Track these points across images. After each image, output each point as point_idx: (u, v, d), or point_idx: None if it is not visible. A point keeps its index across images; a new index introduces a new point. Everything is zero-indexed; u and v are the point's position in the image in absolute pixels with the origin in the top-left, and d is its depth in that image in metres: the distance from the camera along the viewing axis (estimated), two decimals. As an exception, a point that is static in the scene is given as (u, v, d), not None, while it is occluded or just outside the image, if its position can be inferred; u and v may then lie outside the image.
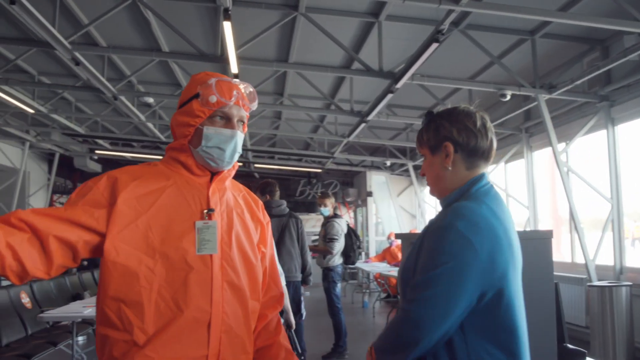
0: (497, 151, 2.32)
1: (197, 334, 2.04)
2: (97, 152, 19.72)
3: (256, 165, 21.83)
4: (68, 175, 22.60)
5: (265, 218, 2.47)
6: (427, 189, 2.32)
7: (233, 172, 2.34)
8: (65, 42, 8.18)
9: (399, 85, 8.89)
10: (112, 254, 1.98)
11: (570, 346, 3.85)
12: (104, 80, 10.35)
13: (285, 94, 13.68)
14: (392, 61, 9.74)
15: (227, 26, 7.32)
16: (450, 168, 2.19)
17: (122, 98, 11.84)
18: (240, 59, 9.65)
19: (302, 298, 6.82)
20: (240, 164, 22.10)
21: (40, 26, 7.37)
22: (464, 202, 2.08)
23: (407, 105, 13.98)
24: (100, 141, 18.77)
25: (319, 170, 22.00)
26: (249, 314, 2.22)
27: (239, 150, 2.24)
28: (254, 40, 8.95)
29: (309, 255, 7.61)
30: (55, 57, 11.17)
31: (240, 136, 2.22)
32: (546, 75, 10.46)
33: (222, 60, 9.24)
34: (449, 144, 2.18)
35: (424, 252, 2.02)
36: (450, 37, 9.16)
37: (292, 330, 4.67)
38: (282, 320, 5.23)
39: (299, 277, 7.26)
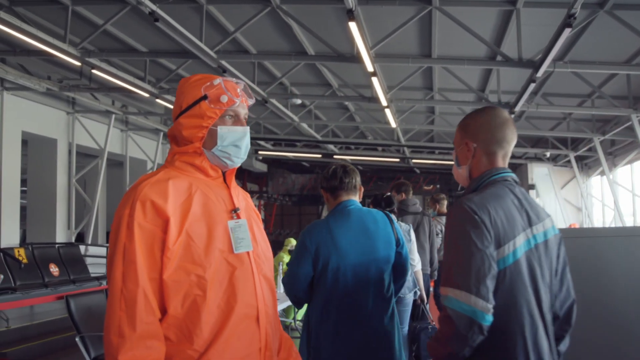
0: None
1: (250, 330, 2.13)
2: (260, 152, 20.69)
3: (414, 160, 21.79)
4: (237, 175, 23.80)
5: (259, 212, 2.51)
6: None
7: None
8: (211, 52, 8.73)
9: (539, 74, 8.57)
10: (163, 273, 2.03)
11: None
12: (253, 85, 10.87)
13: (435, 88, 13.57)
14: (534, 49, 9.36)
15: (352, 26, 7.47)
16: (327, 202, 3.73)
17: (273, 100, 12.37)
18: (380, 56, 9.76)
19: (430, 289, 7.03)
20: (397, 159, 22.21)
21: (185, 38, 7.93)
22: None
23: (563, 94, 13.37)
24: (261, 142, 19.64)
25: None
26: (276, 303, 2.35)
27: (249, 146, 2.31)
28: (389, 37, 9.03)
29: (436, 251, 7.68)
30: (212, 66, 11.93)
31: (249, 133, 2.29)
32: None
33: (359, 60, 9.37)
34: (322, 188, 3.73)
35: None
36: (598, 19, 8.66)
37: (424, 304, 6.30)
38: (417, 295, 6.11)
39: (428, 270, 7.33)
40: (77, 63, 9.89)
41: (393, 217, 3.71)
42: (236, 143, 2.25)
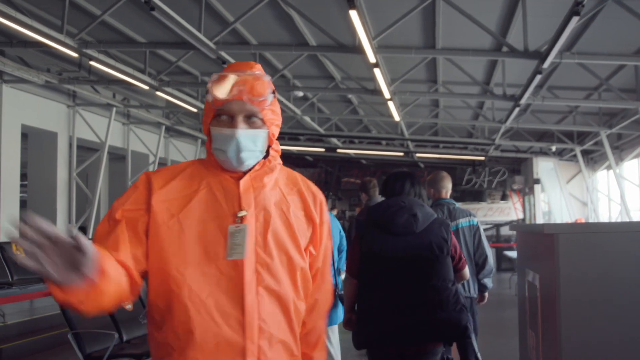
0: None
1: (232, 342, 1.94)
2: (263, 146, 20.54)
3: (418, 155, 21.62)
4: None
5: (322, 217, 2.19)
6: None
7: (278, 167, 2.11)
8: (210, 43, 8.56)
9: (546, 65, 8.38)
10: (150, 256, 1.97)
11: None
12: (254, 77, 10.71)
13: (439, 81, 13.39)
14: (541, 40, 9.16)
15: (353, 15, 7.29)
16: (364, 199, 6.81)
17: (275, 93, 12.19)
18: (383, 47, 9.58)
19: None
20: (401, 153, 22.06)
21: (183, 29, 7.77)
22: None
23: (570, 87, 13.18)
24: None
25: (483, 158, 21.38)
26: (292, 318, 2.06)
27: (250, 148, 1.99)
28: (392, 27, 8.83)
29: None
30: (211, 57, 11.75)
31: (244, 134, 1.98)
32: None
33: (361, 50, 9.18)
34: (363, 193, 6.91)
35: None
36: (607, 9, 8.47)
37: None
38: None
39: None
40: (75, 54, 9.72)
41: None
42: (222, 147, 1.99)
